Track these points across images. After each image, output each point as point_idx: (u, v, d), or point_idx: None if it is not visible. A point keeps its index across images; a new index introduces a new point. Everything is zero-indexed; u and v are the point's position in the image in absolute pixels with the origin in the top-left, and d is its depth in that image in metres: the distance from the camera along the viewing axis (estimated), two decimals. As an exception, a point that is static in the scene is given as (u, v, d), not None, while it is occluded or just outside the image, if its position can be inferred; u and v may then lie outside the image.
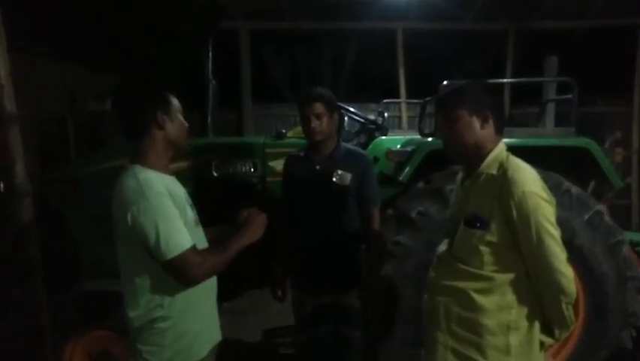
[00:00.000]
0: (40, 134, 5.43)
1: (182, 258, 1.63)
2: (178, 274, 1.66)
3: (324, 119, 2.51)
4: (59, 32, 6.08)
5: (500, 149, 1.83)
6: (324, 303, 2.61)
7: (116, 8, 6.76)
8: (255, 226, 1.89)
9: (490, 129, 1.82)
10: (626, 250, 3.05)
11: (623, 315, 3.04)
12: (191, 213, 1.84)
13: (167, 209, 1.64)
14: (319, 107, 2.49)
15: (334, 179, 2.53)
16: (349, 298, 2.60)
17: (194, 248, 1.67)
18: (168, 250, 1.61)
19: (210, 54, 3.61)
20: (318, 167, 2.58)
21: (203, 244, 1.88)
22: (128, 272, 1.76)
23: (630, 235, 3.62)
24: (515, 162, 1.79)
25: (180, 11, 6.96)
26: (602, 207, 3.05)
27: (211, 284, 1.91)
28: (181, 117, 1.86)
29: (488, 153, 1.81)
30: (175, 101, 1.84)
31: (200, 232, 1.90)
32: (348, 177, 2.54)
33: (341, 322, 2.62)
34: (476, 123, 1.80)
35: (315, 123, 2.50)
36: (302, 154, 2.69)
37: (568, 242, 2.85)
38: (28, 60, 5.25)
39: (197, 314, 1.81)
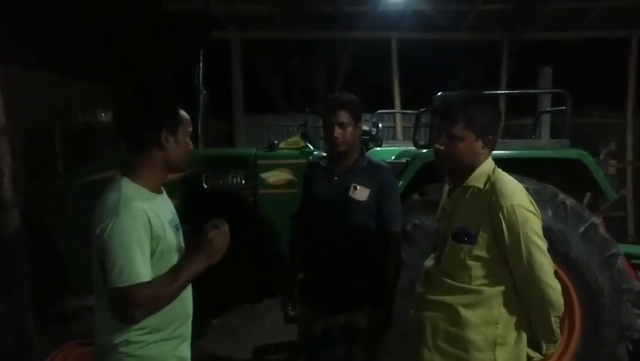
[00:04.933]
0: (28, 146, 5.37)
1: (127, 291, 1.53)
2: (118, 307, 1.57)
3: (349, 129, 2.35)
4: (49, 43, 6.04)
5: (489, 163, 1.84)
6: (337, 323, 2.44)
7: (106, 19, 6.74)
8: (214, 246, 1.68)
9: (488, 151, 1.83)
10: (621, 262, 3.04)
11: (619, 328, 3.02)
12: (172, 238, 1.72)
13: (136, 236, 1.56)
14: (344, 116, 2.34)
15: (350, 194, 2.36)
16: (360, 317, 2.43)
17: (145, 284, 1.56)
18: (119, 279, 1.53)
19: (201, 63, 3.58)
20: (336, 178, 2.43)
21: None
22: (98, 290, 1.66)
23: (625, 248, 3.60)
24: (502, 176, 1.80)
25: (171, 21, 6.94)
26: (597, 220, 3.03)
27: (186, 310, 1.80)
28: (187, 139, 1.75)
29: (477, 167, 1.82)
30: (185, 120, 1.74)
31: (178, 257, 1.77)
32: (366, 192, 2.36)
33: (353, 343, 2.45)
34: (479, 146, 1.80)
35: (337, 133, 2.34)
36: (323, 163, 2.54)
37: (563, 255, 2.88)
38: (15, 71, 5.20)
39: (165, 340, 1.69)
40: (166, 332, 1.69)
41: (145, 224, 1.59)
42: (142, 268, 1.56)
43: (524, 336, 1.80)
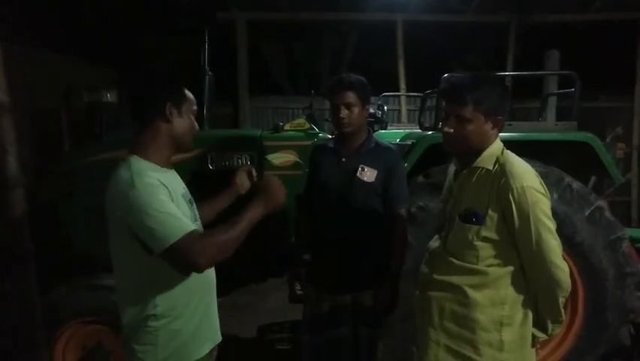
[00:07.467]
0: (34, 126, 5.38)
1: (179, 245, 1.52)
2: (177, 262, 1.58)
3: (355, 110, 2.37)
4: (54, 23, 6.01)
5: (497, 144, 1.83)
6: (343, 302, 2.47)
7: (110, 0, 6.69)
8: (274, 191, 1.74)
9: (497, 131, 1.82)
10: (626, 246, 3.04)
11: (622, 311, 3.03)
12: (187, 210, 1.73)
13: (158, 197, 1.56)
14: (350, 97, 2.35)
15: (358, 175, 2.39)
16: (366, 297, 2.46)
17: (193, 233, 1.56)
18: (164, 239, 1.52)
19: (207, 45, 3.55)
20: (343, 159, 2.45)
21: None
22: (120, 268, 1.70)
23: (630, 232, 3.60)
24: (511, 157, 1.79)
25: (177, 1, 6.87)
26: (602, 203, 3.02)
27: (208, 280, 1.83)
28: (192, 116, 1.78)
29: (485, 149, 1.81)
30: (190, 99, 1.77)
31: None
32: (374, 174, 2.39)
33: (358, 322, 2.49)
34: (488, 127, 1.79)
35: (344, 113, 2.35)
36: (330, 144, 2.54)
37: (568, 238, 2.88)
38: (21, 51, 5.19)
39: (192, 313, 1.73)
40: (191, 306, 1.72)
41: (163, 189, 1.60)
42: (181, 221, 1.56)
43: (530, 316, 1.81)
